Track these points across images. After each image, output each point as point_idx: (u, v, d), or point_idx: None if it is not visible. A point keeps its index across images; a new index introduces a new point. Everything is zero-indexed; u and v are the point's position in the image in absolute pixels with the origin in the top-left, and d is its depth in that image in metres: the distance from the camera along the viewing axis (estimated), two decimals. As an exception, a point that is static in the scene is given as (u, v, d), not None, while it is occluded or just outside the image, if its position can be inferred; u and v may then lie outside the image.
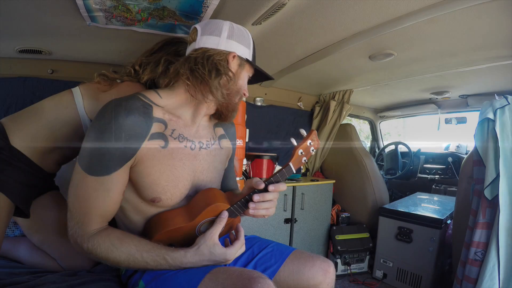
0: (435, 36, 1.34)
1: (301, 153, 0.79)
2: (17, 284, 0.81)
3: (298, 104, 2.59)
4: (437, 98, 2.59)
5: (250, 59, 0.86)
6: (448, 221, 1.86)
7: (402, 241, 1.93)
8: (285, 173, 0.78)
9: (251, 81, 0.95)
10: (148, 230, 0.78)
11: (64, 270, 1.02)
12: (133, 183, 0.74)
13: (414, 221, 1.88)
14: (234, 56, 0.81)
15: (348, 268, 2.11)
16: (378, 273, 2.05)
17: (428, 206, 2.17)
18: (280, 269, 0.87)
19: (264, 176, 1.94)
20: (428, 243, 1.80)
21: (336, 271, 2.09)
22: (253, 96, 2.34)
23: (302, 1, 1.07)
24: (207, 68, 0.76)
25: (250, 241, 0.99)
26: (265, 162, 1.91)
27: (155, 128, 0.73)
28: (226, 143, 0.96)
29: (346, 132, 2.59)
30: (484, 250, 1.16)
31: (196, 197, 0.79)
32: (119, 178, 0.70)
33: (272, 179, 0.77)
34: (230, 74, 0.80)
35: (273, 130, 2.49)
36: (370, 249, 2.17)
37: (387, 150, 3.28)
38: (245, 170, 2.05)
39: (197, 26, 0.82)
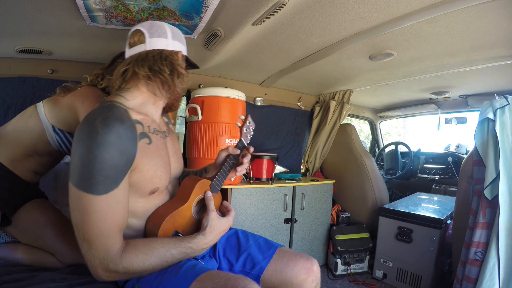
0: (435, 36, 1.34)
1: (246, 130, 1.05)
2: (17, 282, 0.81)
3: (298, 104, 2.59)
4: (437, 98, 2.59)
5: (186, 54, 0.95)
6: (448, 221, 1.86)
7: (402, 241, 1.93)
8: (239, 144, 1.00)
9: None
10: (151, 227, 0.82)
11: (63, 264, 1.02)
12: (133, 184, 0.75)
13: (414, 221, 1.88)
14: (181, 55, 0.89)
15: (348, 268, 2.11)
16: (378, 273, 2.05)
17: (428, 206, 2.16)
18: (267, 267, 0.91)
19: (264, 176, 1.94)
20: (428, 243, 1.80)
21: (336, 271, 2.09)
22: (253, 96, 2.34)
23: (302, 1, 1.08)
24: (168, 68, 0.83)
25: (237, 236, 1.03)
26: (265, 162, 1.91)
27: (138, 129, 0.76)
28: (172, 128, 1.05)
29: (346, 132, 2.59)
30: (484, 250, 1.15)
31: (182, 185, 0.92)
32: (125, 185, 0.70)
33: (239, 145, 0.99)
34: (184, 71, 0.89)
35: (273, 130, 2.49)
36: (370, 249, 2.17)
37: (387, 150, 3.28)
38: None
39: (141, 28, 0.85)
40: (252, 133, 1.09)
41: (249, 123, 1.07)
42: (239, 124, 1.06)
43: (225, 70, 1.98)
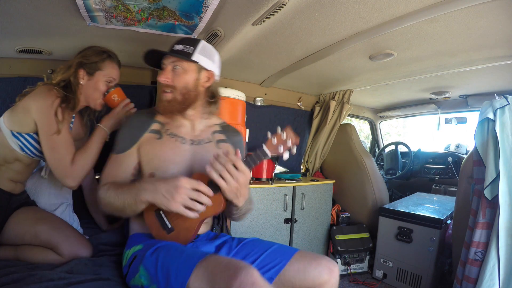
0: (435, 36, 1.34)
1: (275, 142, 0.90)
2: (15, 283, 0.81)
3: (298, 104, 2.59)
4: (437, 98, 2.58)
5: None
6: (448, 221, 1.86)
7: (402, 241, 1.93)
8: (260, 154, 0.89)
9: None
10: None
11: (64, 259, 1.02)
12: (140, 162, 1.00)
13: (414, 221, 1.88)
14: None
15: (348, 268, 2.11)
16: (378, 273, 2.05)
17: (428, 206, 2.16)
18: (285, 268, 0.88)
19: (264, 176, 1.94)
20: (428, 243, 1.80)
21: (336, 271, 2.09)
22: (253, 96, 2.34)
23: (302, 1, 1.07)
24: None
25: (252, 243, 0.99)
26: (265, 162, 1.91)
27: (154, 126, 1.02)
28: (225, 146, 1.09)
29: (346, 132, 2.59)
30: (484, 250, 1.15)
31: None
32: (129, 155, 1.00)
33: (247, 159, 0.89)
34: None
35: (273, 130, 2.48)
36: (370, 249, 2.17)
37: (387, 150, 3.28)
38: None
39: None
40: (289, 145, 0.91)
41: (286, 134, 0.91)
42: (269, 135, 0.93)
43: (225, 70, 1.96)
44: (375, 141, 3.53)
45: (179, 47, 0.98)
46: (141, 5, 1.09)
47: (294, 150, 0.91)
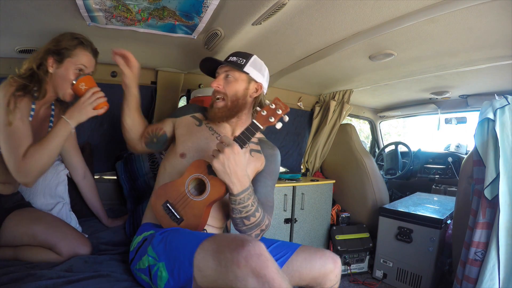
0: (435, 36, 1.34)
1: (265, 113, 0.91)
2: (14, 282, 0.81)
3: (298, 104, 2.59)
4: (437, 98, 2.58)
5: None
6: (448, 221, 1.86)
7: (402, 241, 1.93)
8: (251, 128, 0.91)
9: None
10: (153, 193, 1.02)
11: (63, 258, 1.01)
12: (175, 141, 1.09)
13: (414, 221, 1.88)
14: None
15: (348, 268, 2.11)
16: (378, 273, 2.05)
17: (428, 206, 2.16)
18: (292, 258, 0.94)
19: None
20: (428, 243, 1.80)
21: (336, 271, 2.09)
22: (253, 96, 2.33)
23: (302, 1, 1.07)
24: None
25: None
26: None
27: (198, 115, 1.15)
28: (258, 155, 1.12)
29: (346, 132, 2.59)
30: (484, 250, 1.15)
31: None
32: (168, 122, 1.15)
33: (239, 135, 0.91)
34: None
35: (273, 130, 2.47)
36: (370, 249, 2.17)
37: (387, 150, 3.28)
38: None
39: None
40: (280, 114, 0.91)
41: (275, 105, 0.91)
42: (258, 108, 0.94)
43: (225, 70, 1.98)
44: (375, 141, 3.53)
45: (233, 58, 1.08)
46: (141, 5, 1.09)
47: (286, 118, 0.92)
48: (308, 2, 1.08)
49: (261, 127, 0.91)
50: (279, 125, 0.92)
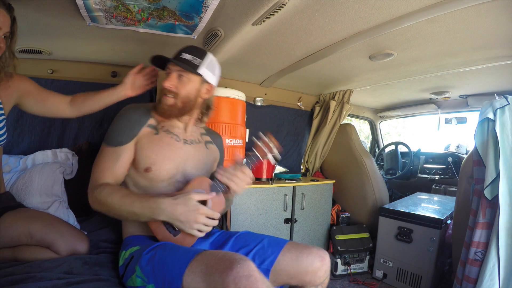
0: (435, 36, 1.34)
1: (262, 144, 1.00)
2: (13, 284, 0.81)
3: (298, 104, 2.59)
4: (437, 98, 2.58)
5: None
6: (448, 221, 1.86)
7: (402, 241, 1.93)
8: (253, 157, 0.99)
9: None
10: None
11: (61, 256, 1.01)
12: (135, 158, 1.00)
13: (414, 221, 1.88)
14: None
15: (348, 268, 2.11)
16: (378, 273, 2.05)
17: (428, 206, 2.16)
18: (278, 258, 0.93)
19: (264, 176, 1.94)
20: (428, 243, 1.80)
21: (336, 271, 2.09)
22: (253, 96, 2.34)
23: (302, 1, 1.08)
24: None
25: (243, 236, 1.04)
26: (265, 162, 1.91)
27: (150, 121, 1.04)
28: (212, 147, 1.19)
29: (346, 132, 2.59)
30: (484, 250, 1.15)
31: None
32: (126, 149, 0.99)
33: (247, 160, 0.99)
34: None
35: (273, 130, 2.48)
36: (370, 249, 2.17)
37: (387, 150, 3.28)
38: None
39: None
40: (275, 154, 1.03)
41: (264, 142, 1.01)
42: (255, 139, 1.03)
43: (225, 70, 1.96)
44: (375, 141, 3.53)
45: (187, 56, 1.01)
46: (141, 5, 1.09)
47: (279, 156, 1.03)
48: (308, 2, 1.08)
49: (261, 159, 1.01)
50: (272, 161, 1.04)
